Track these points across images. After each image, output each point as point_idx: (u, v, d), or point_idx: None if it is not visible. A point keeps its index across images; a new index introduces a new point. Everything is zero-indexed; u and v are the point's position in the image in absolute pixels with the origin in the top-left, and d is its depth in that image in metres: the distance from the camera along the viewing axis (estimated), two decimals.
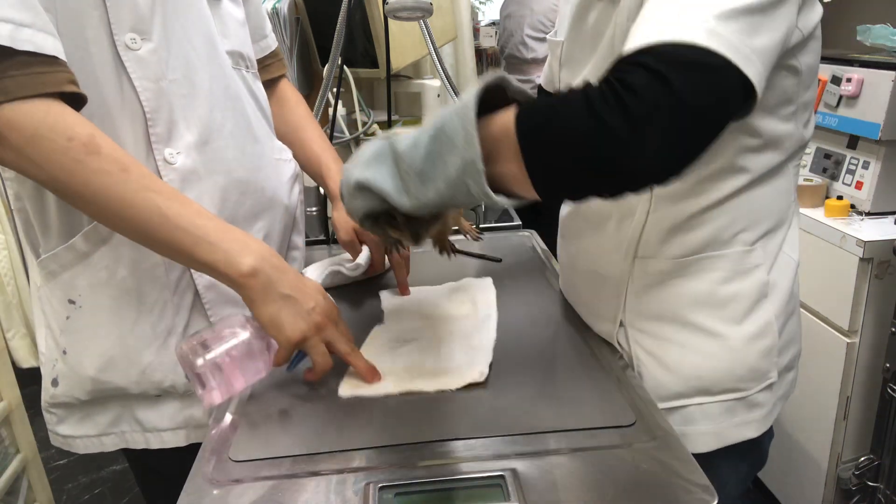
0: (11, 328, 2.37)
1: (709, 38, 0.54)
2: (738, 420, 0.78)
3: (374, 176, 0.64)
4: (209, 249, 0.69)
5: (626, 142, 0.53)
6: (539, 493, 0.57)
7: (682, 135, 0.54)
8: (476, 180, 0.57)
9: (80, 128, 0.67)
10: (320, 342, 0.73)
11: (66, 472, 2.14)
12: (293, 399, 0.74)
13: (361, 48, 1.70)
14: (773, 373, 0.78)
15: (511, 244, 1.21)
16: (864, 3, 2.01)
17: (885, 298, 1.45)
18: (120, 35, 0.72)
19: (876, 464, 1.50)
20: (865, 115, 1.53)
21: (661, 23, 0.57)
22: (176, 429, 0.84)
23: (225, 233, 0.71)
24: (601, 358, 0.80)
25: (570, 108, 0.56)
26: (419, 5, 1.10)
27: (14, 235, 2.36)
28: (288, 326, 0.70)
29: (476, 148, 0.56)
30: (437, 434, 0.66)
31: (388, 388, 0.73)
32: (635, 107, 0.52)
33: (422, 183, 0.62)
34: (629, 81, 0.53)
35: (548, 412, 0.69)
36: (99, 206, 0.68)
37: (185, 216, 0.69)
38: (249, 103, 0.89)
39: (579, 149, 0.55)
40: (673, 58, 0.54)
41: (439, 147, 0.60)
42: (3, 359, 1.55)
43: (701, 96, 0.54)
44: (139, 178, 0.68)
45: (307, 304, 0.72)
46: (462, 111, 0.57)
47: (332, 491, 0.58)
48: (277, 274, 0.71)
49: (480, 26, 4.08)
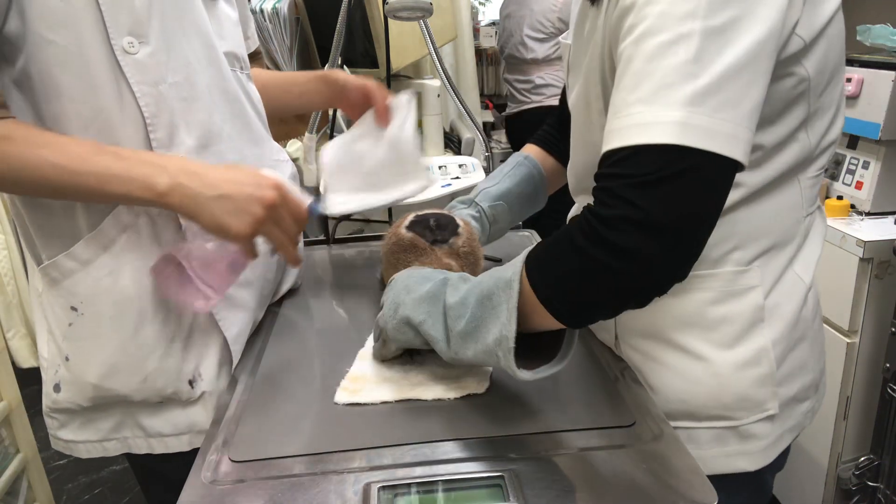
0: (11, 328, 2.37)
1: (681, 134, 0.53)
2: (729, 450, 0.74)
3: (425, 320, 0.69)
4: (119, 182, 0.68)
5: (628, 273, 0.55)
6: (539, 493, 0.57)
7: (675, 246, 0.55)
8: (505, 355, 0.61)
9: None
10: (273, 226, 0.73)
11: (66, 472, 2.14)
12: (293, 399, 0.74)
13: (361, 48, 1.70)
14: (770, 403, 0.73)
15: (511, 244, 1.21)
16: (864, 3, 2.01)
17: (885, 298, 1.45)
18: (117, 39, 0.70)
19: (876, 464, 1.50)
20: (865, 115, 1.53)
21: (632, 115, 0.55)
22: (179, 434, 0.83)
23: (130, 161, 0.69)
24: (601, 359, 0.80)
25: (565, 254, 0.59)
26: (419, 5, 1.10)
27: (14, 236, 2.36)
28: (233, 226, 0.70)
29: (514, 326, 0.60)
30: (438, 434, 0.66)
31: (385, 396, 0.73)
32: (622, 242, 0.54)
33: (462, 342, 0.66)
34: (605, 216, 0.55)
35: (548, 412, 0.69)
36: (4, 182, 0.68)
37: (83, 159, 0.68)
38: (246, 105, 0.89)
39: (591, 289, 0.58)
40: (645, 175, 0.54)
41: (483, 313, 0.64)
42: (3, 359, 1.55)
43: (682, 208, 0.54)
44: (24, 140, 0.67)
45: (244, 194, 0.70)
46: (507, 286, 0.61)
47: (332, 491, 0.58)
48: (200, 179, 0.70)
49: (480, 26, 4.08)
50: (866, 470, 1.51)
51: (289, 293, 1.03)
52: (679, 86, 0.53)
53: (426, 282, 0.73)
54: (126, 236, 0.76)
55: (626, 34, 0.57)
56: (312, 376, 0.79)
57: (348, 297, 1.02)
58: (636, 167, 0.54)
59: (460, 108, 1.56)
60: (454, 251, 0.86)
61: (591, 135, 0.73)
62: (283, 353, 0.85)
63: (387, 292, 0.77)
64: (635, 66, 0.56)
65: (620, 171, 0.55)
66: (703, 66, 0.53)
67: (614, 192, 0.55)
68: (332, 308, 1.00)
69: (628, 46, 0.57)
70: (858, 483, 1.53)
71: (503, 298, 0.62)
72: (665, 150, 0.53)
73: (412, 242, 0.86)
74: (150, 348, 0.78)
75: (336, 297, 1.04)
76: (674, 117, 0.53)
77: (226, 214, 0.70)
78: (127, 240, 0.76)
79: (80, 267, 0.76)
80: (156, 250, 0.77)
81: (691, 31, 0.53)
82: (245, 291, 0.87)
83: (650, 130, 0.54)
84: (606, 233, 0.54)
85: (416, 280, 0.74)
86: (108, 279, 0.76)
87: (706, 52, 0.53)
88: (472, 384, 0.73)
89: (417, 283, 0.73)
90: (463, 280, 0.70)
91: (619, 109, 0.57)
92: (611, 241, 0.54)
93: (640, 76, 0.55)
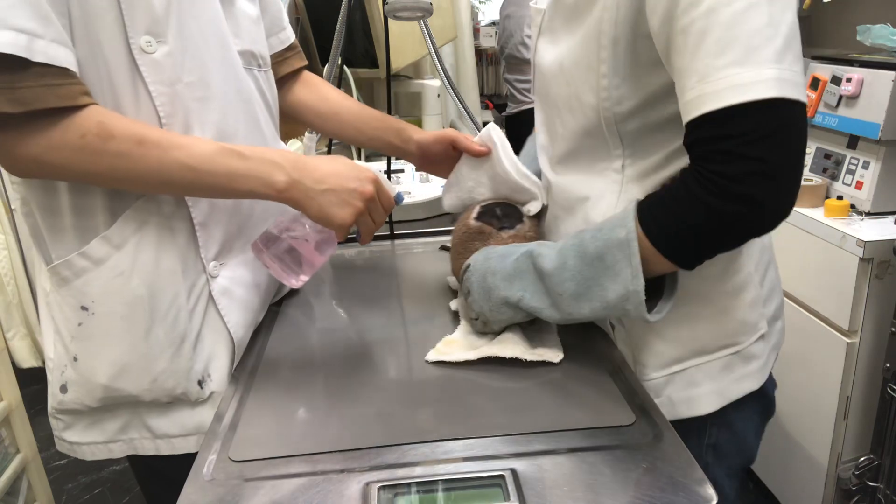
0: (11, 328, 2.37)
1: (780, 88, 0.59)
2: (736, 375, 0.81)
3: (524, 295, 0.75)
4: (243, 180, 0.74)
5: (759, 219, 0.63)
6: (539, 493, 0.57)
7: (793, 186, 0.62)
8: (637, 307, 0.68)
9: (88, 121, 0.68)
10: (366, 217, 0.80)
11: (66, 472, 2.14)
12: (293, 399, 0.74)
13: (361, 48, 1.70)
14: (762, 323, 0.82)
15: None
16: (864, 3, 2.01)
17: (885, 298, 1.45)
18: (135, 38, 0.70)
19: (876, 464, 1.50)
20: (865, 115, 1.53)
21: (728, 78, 0.60)
22: (187, 435, 0.83)
23: (252, 160, 0.74)
24: (601, 357, 0.80)
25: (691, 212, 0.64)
26: (419, 5, 1.10)
27: (14, 235, 2.36)
28: (336, 217, 0.77)
29: (641, 281, 0.67)
30: (438, 434, 0.66)
31: (469, 356, 0.78)
32: (753, 193, 0.61)
33: (575, 302, 0.72)
34: (733, 174, 0.61)
35: (547, 412, 0.69)
36: (136, 182, 0.72)
37: (210, 159, 0.72)
38: (259, 104, 0.89)
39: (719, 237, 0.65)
40: (758, 130, 0.60)
41: (595, 273, 0.70)
42: (3, 359, 1.55)
43: (794, 152, 0.61)
44: (156, 144, 0.70)
45: (348, 189, 0.77)
46: (625, 245, 0.67)
47: (332, 491, 0.58)
48: (310, 175, 0.76)
49: (480, 26, 4.08)
50: (866, 470, 1.51)
51: (289, 293, 1.03)
52: (764, 47, 0.59)
53: (507, 258, 0.78)
54: (139, 236, 0.76)
55: (689, 7, 0.62)
56: (312, 376, 0.79)
57: (348, 297, 1.02)
58: (746, 124, 0.60)
59: (460, 108, 1.56)
60: (520, 235, 0.89)
61: (585, 96, 0.76)
62: (284, 353, 0.85)
63: (468, 278, 0.81)
64: (716, 34, 0.60)
65: (731, 131, 0.60)
66: (776, 27, 0.60)
67: (733, 151, 0.60)
68: (332, 308, 1.00)
69: (699, 19, 0.61)
70: (858, 483, 1.53)
71: (620, 258, 0.68)
72: (769, 105, 0.59)
73: (480, 229, 0.89)
74: (161, 348, 0.78)
75: (336, 296, 1.04)
76: (770, 74, 0.59)
77: (331, 206, 0.76)
78: (140, 239, 0.76)
79: (93, 266, 0.76)
80: (168, 249, 0.77)
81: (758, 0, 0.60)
82: (253, 293, 0.88)
83: (753, 88, 0.59)
84: (738, 188, 0.60)
85: (497, 260, 0.79)
86: (120, 279, 0.76)
87: (774, 15, 0.60)
88: (547, 353, 0.78)
89: (499, 263, 0.78)
90: (546, 246, 0.76)
91: (708, 74, 0.61)
92: (743, 194, 0.61)
93: (725, 42, 0.60)
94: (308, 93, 1.07)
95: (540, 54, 0.84)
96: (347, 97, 1.09)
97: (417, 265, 1.13)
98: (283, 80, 1.05)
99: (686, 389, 0.80)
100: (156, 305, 0.77)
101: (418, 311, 0.96)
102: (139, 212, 0.76)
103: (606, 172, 0.80)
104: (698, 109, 0.62)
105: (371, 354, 0.84)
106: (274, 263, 0.83)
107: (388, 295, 1.02)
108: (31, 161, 0.68)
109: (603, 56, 0.72)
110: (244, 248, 0.86)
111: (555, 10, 0.80)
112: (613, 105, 0.74)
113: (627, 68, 0.71)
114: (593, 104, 0.75)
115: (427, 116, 1.81)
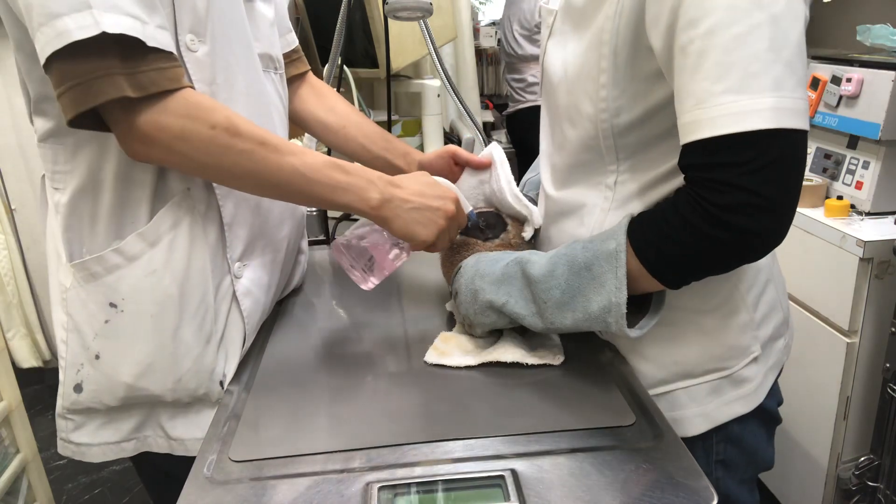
0: (11, 328, 2.37)
1: (777, 118, 0.58)
2: (725, 398, 0.79)
3: (507, 300, 0.75)
4: (343, 193, 0.76)
5: (749, 247, 0.63)
6: (539, 493, 0.57)
7: (786, 218, 0.61)
8: (617, 321, 0.67)
9: (216, 113, 0.69)
10: (445, 234, 0.82)
11: (66, 473, 2.14)
12: (293, 399, 0.74)
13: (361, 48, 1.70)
14: (754, 346, 0.79)
15: None
16: (864, 3, 2.01)
17: (885, 298, 1.45)
18: (182, 35, 0.71)
19: (876, 464, 1.50)
20: (865, 115, 1.53)
21: (723, 105, 0.59)
22: (201, 438, 0.82)
23: (350, 175, 0.77)
24: (601, 357, 0.80)
25: (679, 234, 0.64)
26: (419, 5, 1.10)
27: (14, 235, 2.36)
28: (419, 235, 0.79)
29: (625, 294, 0.66)
30: (438, 434, 0.66)
31: (469, 361, 0.78)
32: (744, 224, 0.60)
33: (559, 311, 0.71)
34: (725, 204, 0.60)
35: (547, 412, 0.69)
36: (249, 181, 0.73)
37: (318, 169, 0.75)
38: (277, 108, 0.89)
39: (706, 260, 0.65)
40: (753, 161, 0.58)
41: (581, 283, 0.69)
42: (3, 359, 1.55)
43: (789, 184, 0.60)
44: (276, 148, 0.73)
45: (432, 208, 0.79)
46: (613, 257, 0.67)
47: (332, 491, 0.58)
48: (400, 193, 0.79)
49: (480, 26, 4.08)
50: (866, 470, 1.51)
51: (290, 293, 1.03)
52: (763, 74, 0.58)
53: (497, 263, 0.78)
54: (173, 234, 0.76)
55: (688, 26, 0.60)
56: (313, 376, 0.79)
57: (348, 296, 1.02)
58: (741, 154, 0.59)
59: (460, 108, 1.56)
60: (506, 244, 0.89)
61: (583, 105, 0.75)
62: (284, 353, 0.85)
63: (457, 279, 0.81)
64: (714, 58, 0.59)
65: (725, 160, 0.59)
66: (777, 51, 0.58)
67: (731, 182, 0.59)
68: (331, 308, 1.00)
69: (698, 39, 0.59)
70: (858, 483, 1.53)
71: (607, 269, 0.67)
72: (765, 135, 0.58)
73: (464, 242, 0.89)
74: (188, 348, 0.78)
75: (336, 296, 1.04)
76: (766, 104, 0.57)
77: (416, 224, 0.79)
78: (174, 237, 0.76)
79: (126, 262, 0.75)
80: (199, 248, 0.77)
81: (761, 21, 0.57)
82: (267, 295, 0.88)
83: (748, 118, 0.58)
84: (730, 217, 0.60)
85: (487, 264, 0.79)
86: (152, 277, 0.75)
87: (776, 39, 0.58)
88: (548, 356, 0.78)
89: (489, 267, 0.78)
90: (536, 255, 0.75)
91: (704, 99, 0.60)
92: (734, 223, 0.60)
93: (723, 67, 0.58)
94: (317, 102, 1.07)
95: (549, 56, 0.83)
96: (353, 110, 1.09)
97: (417, 265, 1.13)
98: (288, 82, 1.05)
99: (671, 411, 0.79)
100: (185, 305, 0.77)
101: (418, 310, 0.96)
102: (175, 210, 0.76)
103: (598, 188, 0.79)
104: (693, 135, 0.61)
105: (371, 354, 0.84)
106: (351, 266, 0.87)
107: (388, 295, 1.02)
108: (156, 146, 0.69)
109: (603, 66, 0.71)
110: (264, 250, 0.86)
111: (566, 13, 0.78)
112: (611, 117, 0.72)
113: (627, 80, 0.70)
114: (591, 114, 0.74)
115: (427, 116, 1.80)
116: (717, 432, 0.80)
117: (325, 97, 1.09)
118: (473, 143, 1.83)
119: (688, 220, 0.62)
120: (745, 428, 0.81)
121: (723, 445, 0.82)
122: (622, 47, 0.68)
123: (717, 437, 0.81)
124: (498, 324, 0.78)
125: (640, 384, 0.75)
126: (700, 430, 0.79)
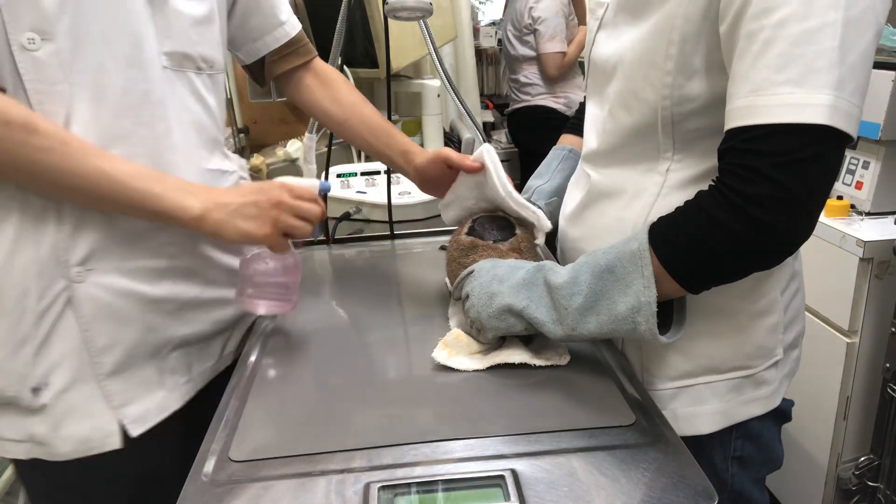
0: None
1: (831, 116, 0.57)
2: (744, 398, 0.80)
3: (528, 304, 0.72)
4: (157, 201, 0.75)
5: (769, 245, 0.61)
6: (539, 493, 0.57)
7: (811, 219, 0.61)
8: (648, 320, 0.65)
9: (13, 110, 0.68)
10: (290, 216, 0.79)
11: None
12: (293, 399, 0.74)
13: (361, 48, 1.70)
14: (778, 349, 0.80)
15: None
16: None
17: (885, 298, 1.45)
18: (16, 35, 0.69)
19: (876, 464, 1.50)
20: (865, 116, 1.53)
21: (781, 95, 0.58)
22: (19, 441, 0.79)
23: (166, 184, 0.76)
24: (601, 357, 0.80)
25: (701, 228, 0.63)
26: (419, 5, 1.10)
27: None
28: (254, 231, 0.78)
29: (654, 292, 0.65)
30: (437, 434, 0.66)
31: (476, 365, 0.77)
32: (768, 218, 0.59)
33: (582, 316, 0.69)
34: (752, 195, 0.59)
35: (548, 412, 0.69)
36: (49, 181, 0.71)
37: (130, 175, 0.73)
38: (178, 109, 0.83)
39: (724, 258, 0.63)
40: (790, 154, 0.58)
41: (605, 286, 0.68)
42: None
43: (821, 185, 0.59)
44: (80, 148, 0.71)
45: (253, 201, 0.78)
46: (637, 257, 0.66)
47: (332, 491, 0.58)
48: (221, 199, 0.78)
49: (480, 26, 4.08)
50: (866, 470, 1.51)
51: None
52: (827, 71, 0.57)
53: (517, 269, 0.76)
54: None
55: (760, 14, 0.60)
56: (312, 376, 0.79)
57: (348, 297, 1.02)
58: (781, 144, 0.58)
59: (460, 108, 1.56)
60: (515, 247, 0.88)
61: (644, 92, 0.74)
62: (283, 353, 0.85)
63: (470, 282, 0.79)
64: (780, 48, 0.59)
65: (765, 148, 0.59)
66: (845, 53, 0.58)
67: (761, 170, 0.59)
68: (331, 308, 1.00)
69: (768, 28, 0.59)
70: (858, 483, 1.53)
71: (632, 269, 0.66)
72: (813, 131, 0.58)
73: (472, 244, 0.88)
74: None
75: (336, 296, 1.04)
76: (825, 100, 0.57)
77: (246, 221, 0.78)
78: None
79: None
80: (26, 247, 0.74)
81: (835, 20, 0.57)
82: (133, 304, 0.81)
83: (803, 111, 0.57)
84: (753, 210, 0.59)
85: (506, 269, 0.77)
86: None
87: (846, 41, 0.58)
88: (554, 356, 0.78)
89: (508, 272, 0.76)
90: (558, 265, 0.74)
91: (763, 87, 0.59)
92: (757, 217, 0.59)
93: (788, 58, 0.58)
94: (322, 92, 1.06)
95: (597, 48, 0.82)
96: (359, 100, 1.07)
97: (417, 265, 1.13)
98: (288, 75, 1.04)
99: (691, 405, 0.80)
100: (1, 301, 0.74)
101: (418, 310, 0.96)
102: (6, 203, 0.73)
103: (650, 174, 0.78)
104: (745, 119, 0.61)
105: (371, 354, 0.84)
106: (263, 304, 0.86)
107: (388, 295, 1.02)
108: None
109: (671, 52, 0.70)
110: (131, 257, 0.80)
111: (620, 4, 0.78)
112: (674, 105, 0.72)
113: (694, 68, 0.69)
114: (652, 102, 0.73)
115: (427, 116, 1.80)
116: (738, 428, 0.81)
117: (331, 86, 1.07)
118: (473, 143, 1.83)
119: (706, 211, 0.63)
120: (764, 425, 0.82)
121: (741, 442, 0.82)
122: (692, 34, 0.68)
123: (736, 433, 0.81)
124: (514, 328, 0.75)
125: (640, 384, 0.75)
126: (717, 426, 0.80)
